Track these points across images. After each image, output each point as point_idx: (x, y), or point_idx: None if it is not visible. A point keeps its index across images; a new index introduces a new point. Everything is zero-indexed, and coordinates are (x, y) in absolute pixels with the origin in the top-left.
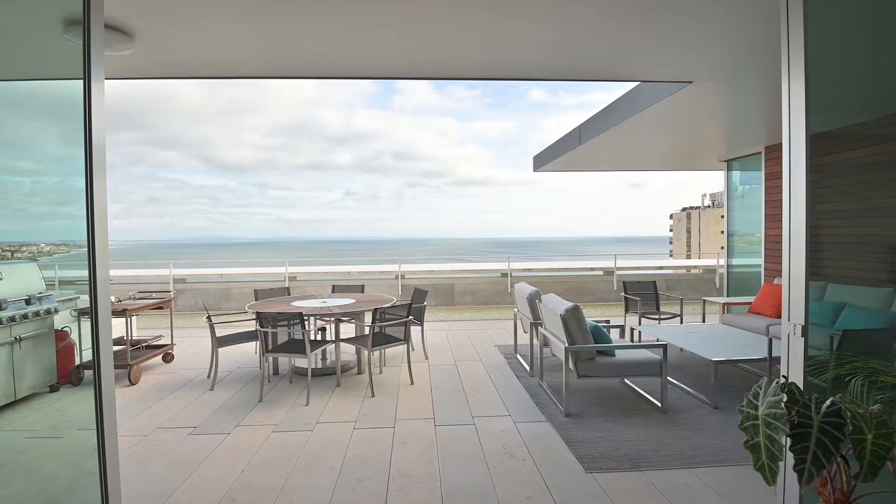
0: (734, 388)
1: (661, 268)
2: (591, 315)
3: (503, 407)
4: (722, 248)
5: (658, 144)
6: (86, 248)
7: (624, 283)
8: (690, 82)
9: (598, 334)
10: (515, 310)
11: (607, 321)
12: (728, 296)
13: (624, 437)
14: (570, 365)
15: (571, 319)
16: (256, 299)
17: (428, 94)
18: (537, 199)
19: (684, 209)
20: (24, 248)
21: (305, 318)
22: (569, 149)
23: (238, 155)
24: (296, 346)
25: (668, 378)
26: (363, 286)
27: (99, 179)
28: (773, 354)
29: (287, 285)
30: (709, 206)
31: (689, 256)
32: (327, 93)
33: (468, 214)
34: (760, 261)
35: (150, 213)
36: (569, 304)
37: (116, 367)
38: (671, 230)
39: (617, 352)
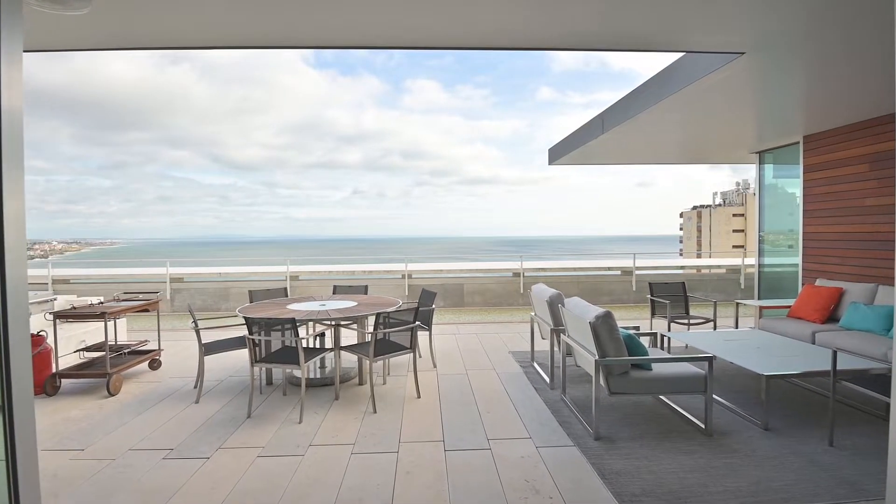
0: (784, 404)
1: (682, 267)
2: None
3: (522, 427)
4: (734, 247)
5: (686, 133)
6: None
7: (650, 284)
8: (741, 54)
9: (632, 345)
10: (532, 314)
11: (637, 328)
12: (759, 298)
13: (667, 467)
14: (601, 380)
15: (603, 328)
16: (251, 301)
17: (437, 94)
18: (545, 198)
19: (695, 207)
20: (37, 247)
21: (301, 323)
22: (589, 139)
23: (248, 154)
24: (289, 356)
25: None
26: (366, 287)
27: (9, 162)
28: (838, 368)
29: (287, 285)
30: (720, 205)
31: (699, 255)
32: (337, 92)
33: (476, 213)
34: (797, 260)
35: (160, 212)
36: (599, 311)
37: (94, 376)
38: (681, 229)
39: (654, 365)
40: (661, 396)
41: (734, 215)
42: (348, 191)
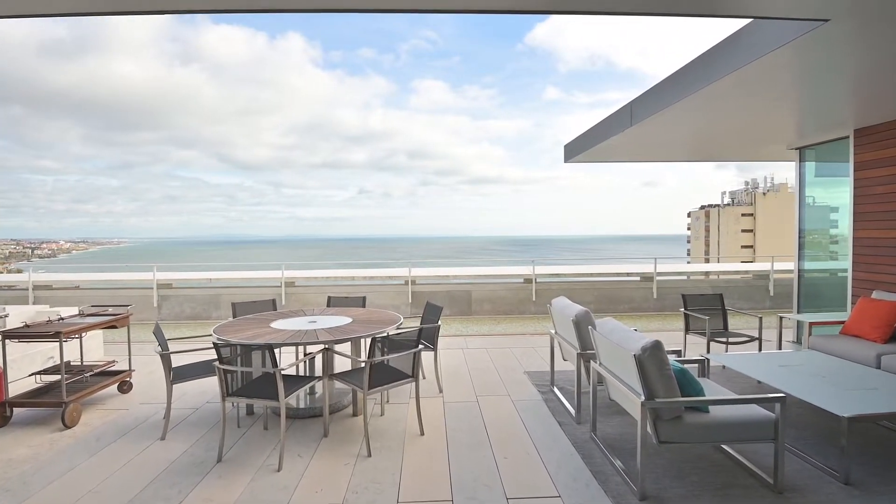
0: (863, 448)
1: (706, 273)
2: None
3: (548, 478)
4: (743, 247)
5: (726, 126)
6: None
7: (683, 296)
8: (825, 21)
9: (685, 381)
10: (552, 331)
11: (678, 352)
12: (800, 309)
13: None
14: (649, 426)
15: (651, 362)
16: (235, 315)
17: (443, 94)
18: (551, 198)
19: (702, 207)
20: (44, 245)
21: (279, 346)
22: (613, 133)
23: (255, 154)
24: (268, 386)
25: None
26: (364, 298)
27: None
28: None
29: (282, 291)
30: (728, 205)
31: (707, 259)
32: (344, 92)
33: (481, 213)
34: (841, 265)
35: (167, 212)
36: (646, 340)
37: (47, 405)
38: (689, 229)
39: (711, 406)
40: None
41: (743, 215)
42: (354, 190)
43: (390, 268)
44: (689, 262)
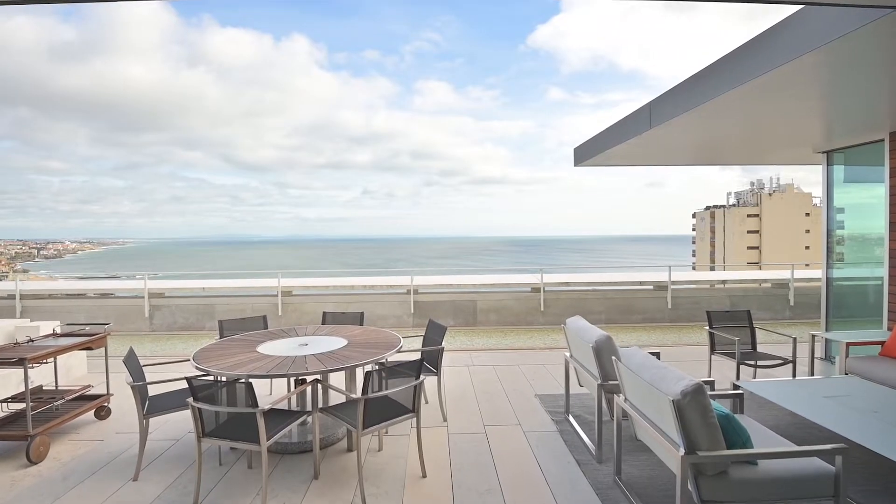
0: None
1: (724, 282)
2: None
3: None
4: (749, 248)
5: (754, 128)
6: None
7: (708, 313)
8: (893, 8)
9: (730, 428)
10: (567, 354)
11: (711, 382)
12: (828, 325)
13: None
14: (689, 483)
15: (692, 409)
16: (222, 333)
17: (447, 95)
18: (554, 198)
19: (708, 208)
20: (50, 246)
21: (259, 378)
22: (629, 136)
23: (259, 154)
24: (248, 425)
25: None
26: (362, 314)
27: None
28: None
29: (277, 301)
30: (734, 205)
31: (712, 265)
32: (348, 94)
33: (484, 213)
34: (879, 274)
35: (172, 212)
36: (685, 382)
37: (11, 438)
38: (694, 229)
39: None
40: None
41: (749, 216)
42: (358, 191)
43: (392, 276)
44: (693, 268)
